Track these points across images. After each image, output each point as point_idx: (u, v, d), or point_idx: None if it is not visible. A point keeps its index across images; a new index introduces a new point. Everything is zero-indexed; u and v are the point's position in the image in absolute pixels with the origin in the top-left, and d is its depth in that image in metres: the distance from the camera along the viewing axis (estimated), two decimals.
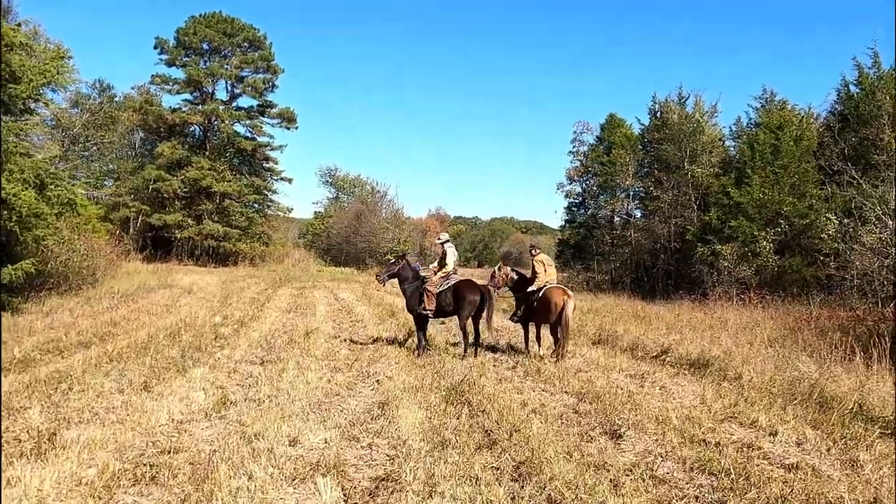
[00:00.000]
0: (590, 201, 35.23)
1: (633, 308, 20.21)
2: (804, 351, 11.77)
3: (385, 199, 54.12)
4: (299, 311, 18.10)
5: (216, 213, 41.15)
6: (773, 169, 23.86)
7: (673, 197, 29.76)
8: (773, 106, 28.63)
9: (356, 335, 14.13)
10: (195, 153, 41.59)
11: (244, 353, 10.75)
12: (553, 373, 9.72)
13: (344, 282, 32.48)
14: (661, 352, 11.82)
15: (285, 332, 13.58)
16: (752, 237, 23.62)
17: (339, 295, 23.92)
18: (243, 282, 27.73)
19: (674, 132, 29.77)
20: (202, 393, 7.51)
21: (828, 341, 12.71)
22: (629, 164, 31.04)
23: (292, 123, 44.75)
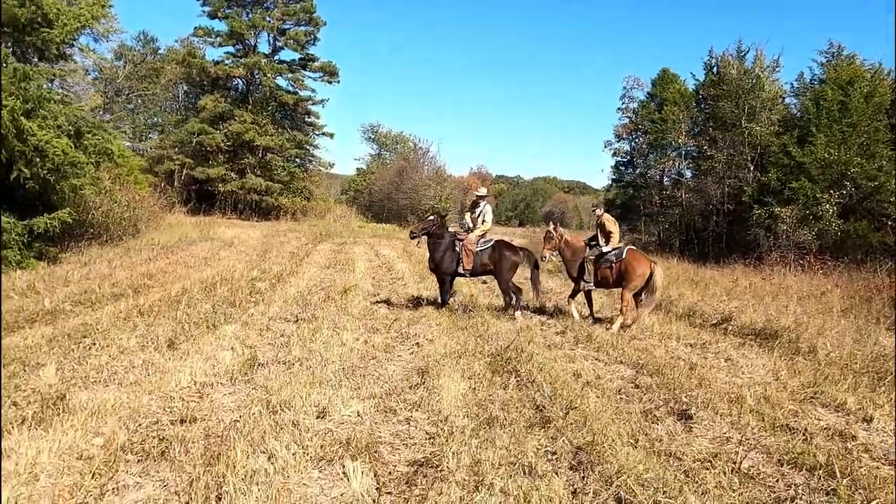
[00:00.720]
0: (638, 160, 33.79)
1: (686, 271, 19.21)
2: (881, 323, 10.80)
3: (427, 156, 53.25)
4: (338, 266, 17.64)
5: (258, 168, 40.87)
6: (841, 127, 22.25)
7: (728, 156, 28.23)
8: (840, 62, 26.65)
9: (396, 293, 13.58)
10: (238, 107, 41.17)
11: (279, 310, 10.28)
12: (606, 340, 9.00)
13: (385, 238, 32.01)
14: (722, 319, 10.98)
15: (322, 289, 13.10)
16: (815, 199, 22.20)
17: (380, 251, 23.43)
18: (284, 236, 27.46)
19: (732, 88, 28.07)
20: (230, 352, 7.02)
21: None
22: (682, 121, 29.48)
23: (334, 77, 43.89)
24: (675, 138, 29.61)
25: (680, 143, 29.91)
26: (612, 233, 10.43)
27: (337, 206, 48.77)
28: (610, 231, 10.38)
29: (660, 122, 30.58)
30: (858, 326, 10.17)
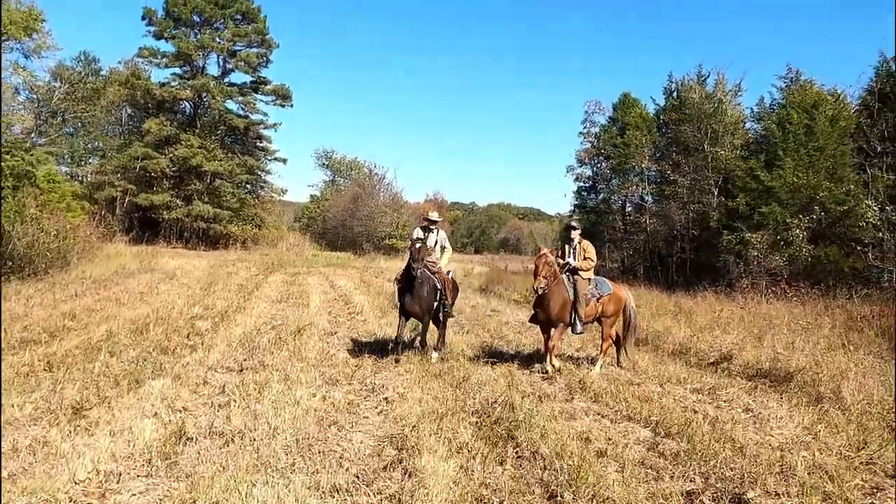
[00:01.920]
0: (601, 185, 33.23)
1: (661, 301, 18.30)
2: (890, 358, 9.89)
3: (383, 183, 52.04)
4: (291, 300, 16.14)
5: (206, 194, 38.99)
6: (808, 151, 21.90)
7: (692, 181, 27.79)
8: (798, 86, 26.57)
9: (355, 330, 12.21)
10: (185, 130, 39.33)
11: (220, 357, 8.80)
12: (603, 388, 7.81)
13: (340, 267, 30.50)
14: (721, 358, 9.93)
15: (273, 328, 11.63)
16: (784, 224, 21.69)
17: (336, 282, 21.95)
18: (233, 266, 25.72)
19: (694, 112, 27.73)
20: (152, 421, 5.57)
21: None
22: (645, 145, 28.99)
23: (287, 101, 42.50)
24: (639, 163, 29.08)
25: (643, 168, 29.38)
26: (593, 261, 9.18)
27: (290, 234, 46.99)
28: (589, 258, 9.07)
29: (622, 146, 30.07)
30: (871, 363, 9.23)
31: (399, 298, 9.18)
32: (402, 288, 9.03)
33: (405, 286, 8.94)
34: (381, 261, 37.74)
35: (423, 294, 8.95)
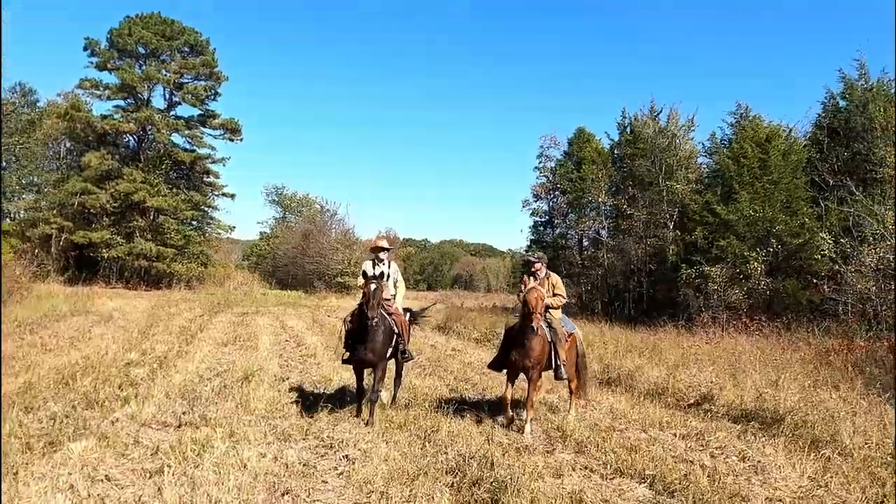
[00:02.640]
0: (558, 219, 33.08)
1: (623, 336, 17.85)
2: (871, 393, 9.49)
3: (335, 219, 51.10)
4: (238, 343, 15.06)
5: (149, 231, 37.34)
6: (763, 184, 22.09)
7: (647, 215, 27.84)
8: (749, 121, 27.07)
9: (309, 375, 11.31)
10: (127, 164, 37.77)
11: (156, 410, 7.79)
12: (585, 436, 7.15)
13: (291, 306, 29.34)
14: (702, 398, 9.38)
15: (218, 375, 10.61)
16: (743, 258, 21.69)
17: (287, 322, 20.88)
18: (176, 307, 24.33)
19: (648, 147, 27.94)
20: (66, 497, 4.61)
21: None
22: (601, 179, 29.01)
23: (236, 135, 41.42)
24: (596, 197, 29.02)
25: (600, 202, 29.33)
26: (563, 298, 8.30)
27: (238, 273, 45.51)
28: (560, 294, 8.18)
29: (578, 181, 30.04)
30: (854, 400, 8.80)
31: (348, 345, 7.92)
32: (353, 331, 7.81)
33: (356, 330, 7.71)
34: (333, 299, 36.68)
35: (377, 339, 7.66)
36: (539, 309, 7.38)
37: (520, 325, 7.73)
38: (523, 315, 7.60)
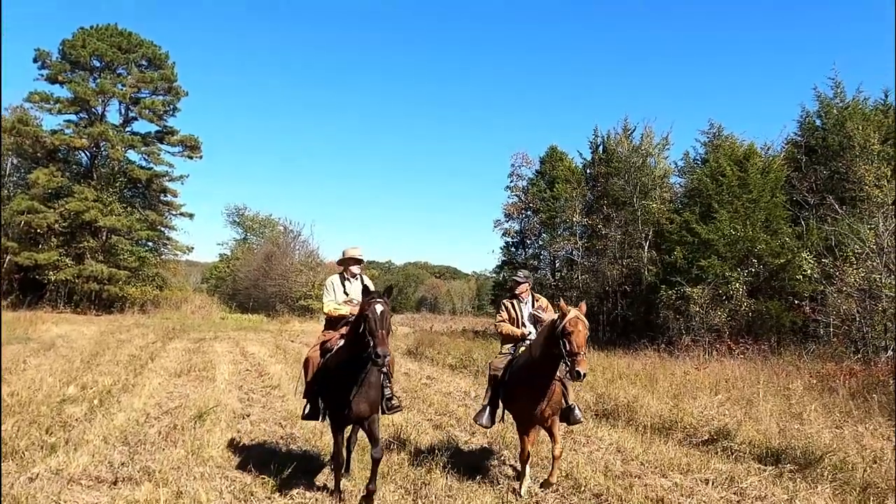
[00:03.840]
0: (530, 240, 32.31)
1: (607, 362, 16.91)
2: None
3: (299, 240, 49.60)
4: (193, 373, 13.66)
5: (101, 252, 35.36)
6: (743, 203, 21.60)
7: (622, 235, 27.21)
8: (722, 140, 26.76)
9: (272, 410, 10.08)
10: (79, 182, 35.85)
11: (89, 461, 6.50)
12: (598, 483, 6.14)
13: (252, 331, 27.79)
14: (717, 434, 8.39)
15: (167, 412, 9.30)
16: (724, 278, 21.06)
17: (247, 349, 19.45)
18: (127, 333, 22.65)
19: (622, 166, 27.39)
20: None
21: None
22: (575, 199, 28.33)
23: (196, 152, 39.77)
24: (570, 216, 28.30)
25: (574, 222, 28.62)
26: None
27: (196, 296, 43.58)
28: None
29: (551, 200, 29.30)
30: (888, 434, 7.93)
31: (321, 392, 5.85)
32: (335, 374, 5.62)
33: (343, 373, 5.51)
34: (296, 323, 35.18)
35: (373, 383, 5.62)
36: (585, 347, 5.41)
37: (538, 363, 5.83)
38: (546, 352, 5.69)
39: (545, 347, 5.73)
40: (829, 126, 22.48)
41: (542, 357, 5.79)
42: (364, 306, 5.25)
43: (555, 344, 5.52)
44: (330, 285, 6.57)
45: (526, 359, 6.13)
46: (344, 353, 5.62)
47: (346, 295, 6.50)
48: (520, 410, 6.15)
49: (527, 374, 6.00)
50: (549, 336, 5.65)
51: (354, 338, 5.36)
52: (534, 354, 5.94)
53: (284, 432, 8.45)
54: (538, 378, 5.90)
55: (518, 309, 6.75)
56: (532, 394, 5.95)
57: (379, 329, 5.03)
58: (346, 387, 5.49)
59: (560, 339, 5.44)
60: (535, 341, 6.17)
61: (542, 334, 5.97)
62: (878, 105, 23.23)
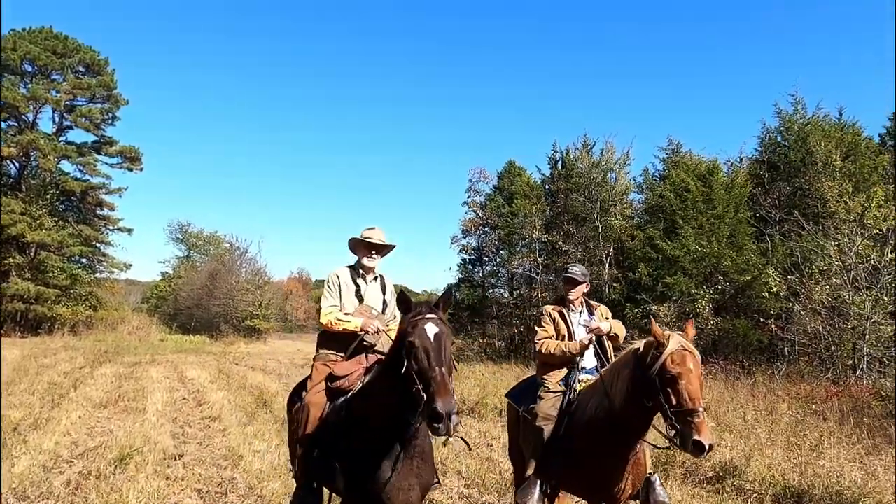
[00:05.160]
0: (488, 257, 31.39)
1: None
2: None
3: (245, 257, 47.67)
4: (122, 403, 12.10)
5: (28, 269, 32.87)
6: (707, 219, 21.15)
7: (583, 251, 26.55)
8: (681, 156, 26.49)
9: (211, 448, 8.73)
10: (6, 194, 33.38)
11: None
12: None
13: (193, 353, 25.97)
14: (723, 471, 7.42)
15: (84, 454, 7.85)
16: (690, 296, 20.50)
17: (186, 373, 17.82)
18: (53, 357, 20.66)
19: (582, 181, 26.79)
20: None
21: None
22: (535, 214, 27.58)
23: (136, 164, 37.63)
24: (529, 232, 27.50)
25: (533, 238, 27.84)
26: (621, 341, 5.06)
27: (134, 316, 41.15)
28: (619, 334, 4.96)
29: (510, 216, 28.48)
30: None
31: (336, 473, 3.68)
32: (355, 445, 3.62)
33: (369, 441, 3.56)
34: (242, 344, 33.55)
35: (418, 453, 3.67)
36: (702, 400, 3.55)
37: (619, 419, 3.89)
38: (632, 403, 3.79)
39: (631, 395, 3.79)
40: (791, 142, 22.34)
41: (625, 410, 3.85)
42: (406, 329, 3.30)
43: (648, 391, 3.65)
44: (334, 283, 4.45)
45: (598, 407, 4.09)
46: (372, 408, 3.59)
47: (359, 300, 4.45)
48: (587, 488, 4.24)
49: (598, 433, 4.01)
50: (639, 378, 3.73)
51: (389, 382, 3.41)
52: (613, 402, 3.96)
53: (223, 476, 7.14)
54: (618, 439, 3.94)
55: (569, 320, 4.85)
56: (606, 464, 4.00)
57: (435, 367, 3.12)
58: (374, 463, 3.48)
59: (657, 386, 3.59)
60: (610, 377, 4.12)
61: (621, 371, 3.97)
62: (834, 123, 23.29)
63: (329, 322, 4.30)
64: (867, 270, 17.27)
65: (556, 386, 4.57)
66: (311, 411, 4.00)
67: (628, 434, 3.92)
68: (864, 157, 21.05)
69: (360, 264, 4.53)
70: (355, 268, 4.56)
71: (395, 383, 3.31)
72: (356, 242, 4.54)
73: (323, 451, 3.79)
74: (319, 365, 4.25)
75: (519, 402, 4.95)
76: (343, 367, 4.13)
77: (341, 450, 3.66)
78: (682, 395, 3.48)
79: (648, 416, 3.82)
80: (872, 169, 20.90)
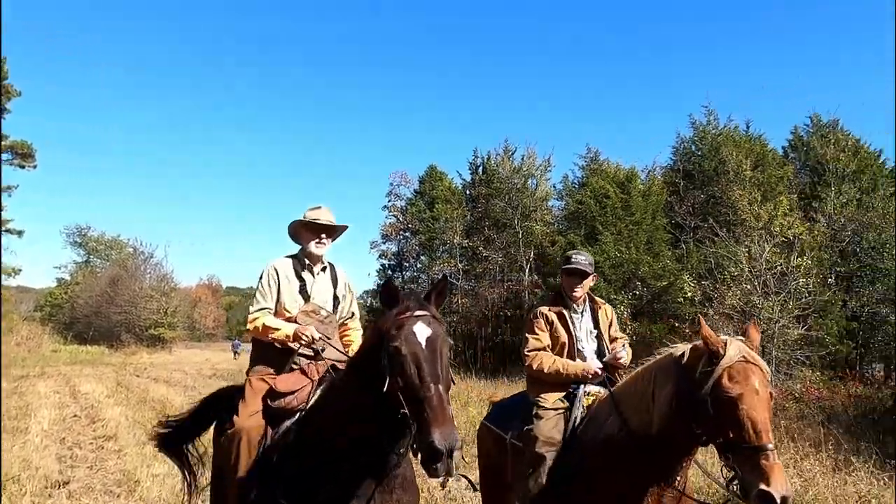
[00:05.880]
0: (409, 262, 30.90)
1: (494, 391, 15.61)
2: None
3: (150, 263, 45.26)
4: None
5: None
6: (626, 225, 21.47)
7: (504, 258, 26.52)
8: (598, 165, 26.94)
9: (104, 472, 7.78)
10: None
11: None
12: None
13: (89, 365, 24.14)
14: None
15: None
16: (610, 301, 20.66)
17: (80, 387, 16.34)
18: None
19: (503, 187, 26.80)
20: None
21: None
22: (457, 220, 27.36)
23: (28, 161, 34.86)
24: (450, 238, 27.24)
25: (454, 243, 27.58)
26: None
27: (24, 326, 38.14)
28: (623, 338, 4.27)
29: (430, 220, 28.14)
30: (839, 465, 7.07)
31: None
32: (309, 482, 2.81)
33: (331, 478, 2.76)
34: (144, 355, 31.75)
35: (399, 485, 2.88)
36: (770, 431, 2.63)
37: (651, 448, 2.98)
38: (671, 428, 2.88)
39: (674, 419, 2.86)
40: (705, 152, 23.06)
41: (663, 437, 2.93)
42: (389, 331, 2.53)
43: (697, 416, 2.73)
44: (272, 279, 3.60)
45: (618, 430, 3.17)
46: (332, 431, 2.80)
47: (304, 298, 3.62)
48: None
49: (621, 462, 3.08)
50: (685, 397, 2.80)
51: (357, 401, 2.68)
52: (645, 425, 3.02)
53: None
54: (650, 470, 3.04)
55: (570, 323, 3.88)
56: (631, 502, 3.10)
57: (429, 384, 2.37)
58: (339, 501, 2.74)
59: (708, 410, 2.67)
60: (638, 388, 3.16)
61: (658, 386, 3.00)
62: (743, 135, 24.24)
63: (256, 329, 3.48)
64: (775, 276, 17.85)
65: (557, 403, 3.65)
66: (245, 440, 3.15)
67: (655, 467, 3.01)
68: (772, 168, 21.94)
69: (306, 253, 3.68)
70: (299, 258, 3.72)
71: (365, 402, 2.58)
72: (299, 226, 3.72)
73: (264, 492, 2.93)
74: (255, 380, 3.40)
75: (504, 428, 3.89)
76: (287, 381, 3.28)
77: (292, 488, 2.84)
78: (744, 424, 2.58)
79: (686, 447, 2.99)
80: (779, 179, 21.80)
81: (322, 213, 3.67)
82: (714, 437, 2.68)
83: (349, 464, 2.71)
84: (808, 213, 21.04)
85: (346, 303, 3.83)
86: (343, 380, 2.96)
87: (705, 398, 2.67)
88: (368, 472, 2.73)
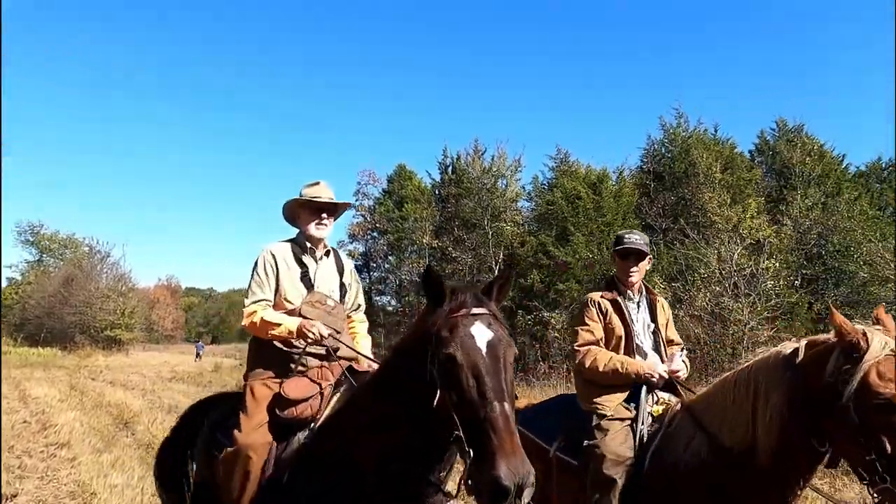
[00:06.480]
0: (376, 263, 30.47)
1: None
2: None
3: (107, 262, 43.91)
4: None
5: None
6: (598, 226, 21.41)
7: (473, 258, 26.26)
8: (568, 166, 26.90)
9: (56, 482, 7.29)
10: None
11: None
12: None
13: (41, 368, 23.12)
14: None
15: None
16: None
17: (31, 391, 15.52)
18: None
19: (473, 187, 26.54)
20: None
21: None
22: (426, 219, 27.01)
23: None
24: (419, 238, 26.88)
25: (423, 244, 27.24)
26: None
27: None
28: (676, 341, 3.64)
29: (399, 220, 27.75)
30: None
31: None
32: None
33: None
34: (100, 357, 30.68)
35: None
36: None
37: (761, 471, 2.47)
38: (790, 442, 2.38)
39: (785, 434, 2.39)
40: (675, 154, 23.14)
41: (772, 458, 2.44)
42: (439, 332, 2.05)
43: (829, 425, 2.30)
44: (269, 266, 3.11)
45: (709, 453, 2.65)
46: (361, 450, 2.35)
47: (307, 287, 3.15)
48: None
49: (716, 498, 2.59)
50: (802, 406, 2.35)
51: (393, 412, 2.24)
52: (745, 445, 2.52)
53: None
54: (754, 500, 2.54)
55: (626, 313, 3.37)
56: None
57: (493, 402, 1.92)
58: None
59: (852, 421, 2.20)
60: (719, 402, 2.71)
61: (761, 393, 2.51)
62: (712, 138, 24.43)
63: (253, 325, 2.97)
64: (745, 278, 17.92)
65: (621, 410, 3.08)
66: (252, 460, 2.63)
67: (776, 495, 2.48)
68: (740, 170, 22.12)
69: (307, 236, 3.21)
70: (298, 242, 3.25)
71: (404, 417, 2.15)
72: (295, 206, 3.27)
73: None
74: (257, 386, 2.87)
75: (547, 439, 3.27)
76: (297, 385, 2.75)
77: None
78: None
79: (807, 466, 2.46)
80: (747, 182, 21.98)
81: (321, 189, 3.23)
82: (857, 453, 2.19)
83: (374, 489, 2.25)
84: (775, 216, 21.27)
85: (353, 292, 3.41)
86: (367, 390, 2.50)
87: (847, 404, 2.17)
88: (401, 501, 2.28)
